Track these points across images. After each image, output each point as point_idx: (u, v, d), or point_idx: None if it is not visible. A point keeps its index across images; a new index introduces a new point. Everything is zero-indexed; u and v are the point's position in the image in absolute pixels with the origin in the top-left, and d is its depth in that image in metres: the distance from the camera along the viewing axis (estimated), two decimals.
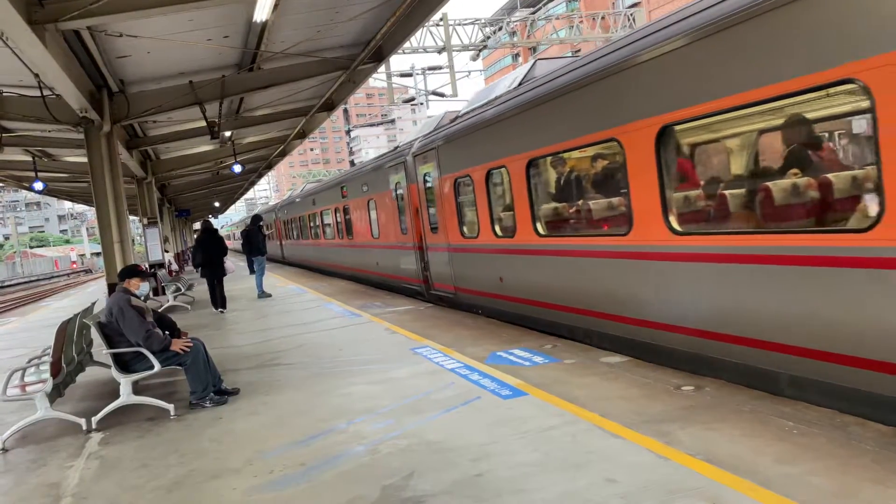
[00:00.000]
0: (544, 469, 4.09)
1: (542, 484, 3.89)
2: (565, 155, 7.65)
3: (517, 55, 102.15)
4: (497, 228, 9.28)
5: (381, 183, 14.51)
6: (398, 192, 13.46)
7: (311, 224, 24.14)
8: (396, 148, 14.64)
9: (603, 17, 30.55)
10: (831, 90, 4.41)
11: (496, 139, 8.89)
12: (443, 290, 11.63)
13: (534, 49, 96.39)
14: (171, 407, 6.33)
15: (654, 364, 6.19)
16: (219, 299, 14.15)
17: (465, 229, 10.39)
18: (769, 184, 5.09)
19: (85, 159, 12.33)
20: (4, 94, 11.43)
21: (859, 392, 4.41)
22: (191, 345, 6.55)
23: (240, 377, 7.48)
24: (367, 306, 12.28)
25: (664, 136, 5.82)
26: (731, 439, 4.24)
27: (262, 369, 7.93)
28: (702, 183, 5.91)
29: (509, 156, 8.54)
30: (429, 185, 11.61)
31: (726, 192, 5.58)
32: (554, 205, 8.24)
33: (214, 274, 14.20)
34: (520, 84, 8.87)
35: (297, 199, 27.50)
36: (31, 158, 16.47)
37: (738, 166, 5.69)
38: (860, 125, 4.51)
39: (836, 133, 5.05)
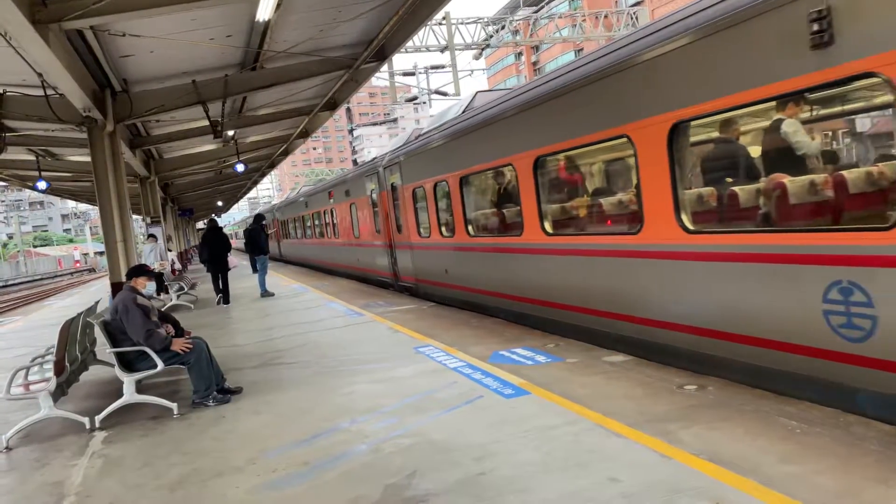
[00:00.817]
0: (547, 468, 4.09)
1: (545, 483, 3.89)
2: (487, 173, 9.69)
3: (520, 54, 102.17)
4: (443, 230, 11.37)
5: (360, 189, 16.60)
6: (373, 198, 15.52)
7: (304, 224, 26.38)
8: (374, 159, 16.48)
9: (605, 16, 30.52)
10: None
11: (441, 158, 11.03)
12: (407, 281, 13.83)
13: (536, 48, 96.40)
14: (174, 406, 6.34)
15: (656, 363, 6.19)
16: (223, 293, 14.88)
17: (421, 230, 12.39)
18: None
19: (88, 158, 12.35)
20: (8, 93, 11.45)
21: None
22: (191, 346, 6.56)
23: (243, 376, 7.49)
24: (370, 305, 12.29)
25: (538, 163, 8.05)
26: (734, 439, 4.24)
27: (265, 368, 7.94)
28: (556, 202, 8.19)
29: (449, 172, 10.64)
30: (395, 192, 13.64)
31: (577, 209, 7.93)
32: (480, 212, 10.39)
33: (218, 269, 15.02)
34: (462, 112, 10.73)
35: (292, 202, 29.95)
36: (34, 158, 16.52)
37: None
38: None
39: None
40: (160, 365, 6.34)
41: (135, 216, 21.75)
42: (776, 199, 5.13)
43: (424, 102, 34.53)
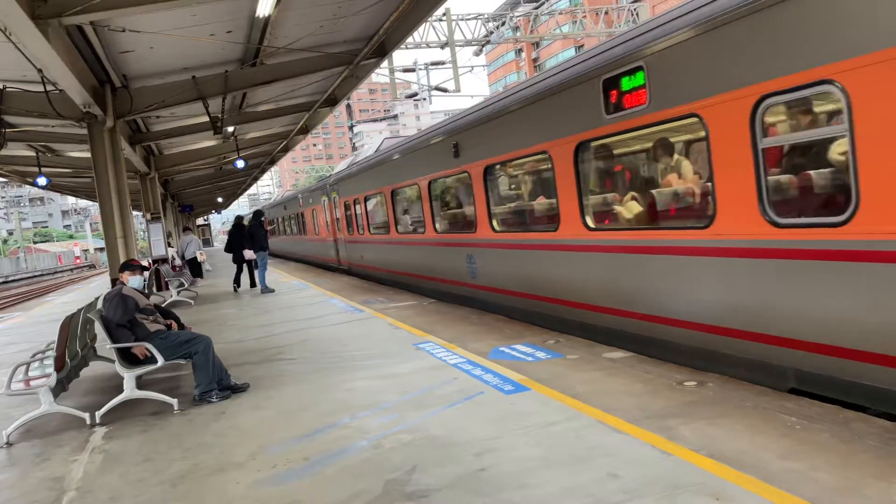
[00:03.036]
0: (547, 464, 4.09)
1: (545, 479, 3.89)
2: (380, 195, 14.77)
3: (520, 50, 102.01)
4: (359, 230, 17.25)
5: (318, 199, 22.52)
6: (325, 206, 21.35)
7: (285, 223, 32.14)
8: (329, 176, 21.81)
9: (606, 13, 30.48)
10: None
11: (358, 181, 16.65)
12: (343, 265, 20.18)
13: (537, 44, 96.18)
14: (174, 401, 6.34)
15: (655, 359, 6.20)
16: (238, 281, 17.37)
17: (349, 230, 18.51)
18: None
19: (88, 155, 12.36)
20: (8, 89, 11.44)
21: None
22: (147, 354, 6.43)
23: (244, 372, 7.49)
24: (370, 302, 12.30)
25: (431, 186, 11.53)
26: (734, 435, 4.24)
27: (266, 364, 7.95)
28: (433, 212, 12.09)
29: (360, 193, 16.52)
30: (336, 203, 19.57)
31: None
32: (377, 218, 15.63)
33: (237, 259, 17.18)
34: (375, 152, 16.23)
35: (275, 205, 36.63)
36: (34, 154, 16.51)
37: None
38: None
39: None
40: (161, 360, 6.35)
41: (135, 212, 21.74)
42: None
43: (425, 99, 34.47)
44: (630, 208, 6.65)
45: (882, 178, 4.12)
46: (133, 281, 7.02)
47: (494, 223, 9.28)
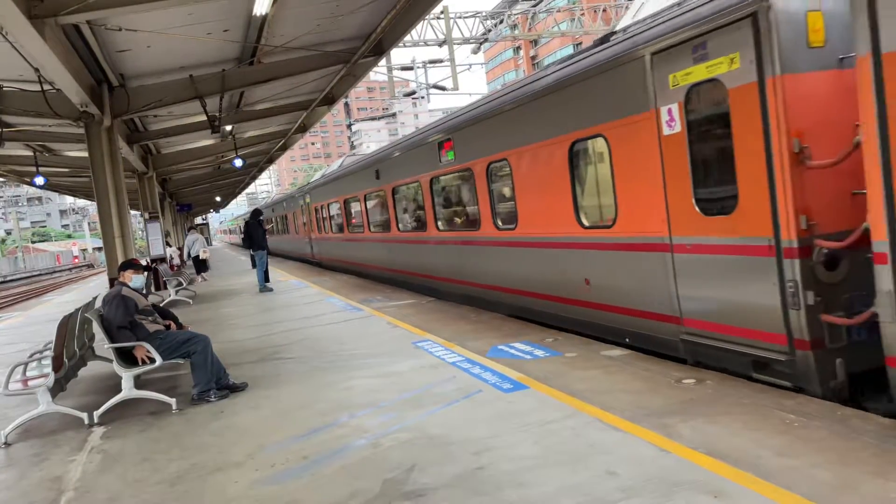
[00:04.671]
0: (545, 462, 4.09)
1: (543, 477, 3.89)
2: (339, 201, 18.77)
3: (518, 48, 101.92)
4: (325, 230, 21.72)
5: (297, 203, 26.61)
6: (302, 210, 25.35)
7: (274, 223, 35.87)
8: (307, 184, 26.31)
9: (604, 10, 30.45)
10: None
11: (322, 192, 21.24)
12: (317, 259, 24.17)
13: (535, 42, 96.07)
14: (172, 401, 6.34)
15: (654, 357, 6.20)
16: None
17: (318, 230, 22.84)
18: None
19: (86, 154, 12.33)
20: (5, 88, 11.42)
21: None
22: (150, 356, 6.40)
23: (242, 371, 7.48)
24: (369, 300, 12.29)
25: (366, 197, 15.90)
26: (732, 432, 4.25)
27: (264, 363, 7.94)
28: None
29: (323, 200, 21.09)
30: (310, 208, 23.66)
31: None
32: (336, 221, 20.01)
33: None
34: (339, 167, 19.86)
35: (267, 207, 39.98)
36: (31, 153, 16.47)
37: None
38: None
39: None
40: (159, 360, 6.34)
41: (133, 212, 21.72)
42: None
43: (423, 97, 34.43)
44: (455, 218, 11.12)
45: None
46: (135, 280, 7.01)
47: (399, 226, 13.63)
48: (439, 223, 11.37)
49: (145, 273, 7.63)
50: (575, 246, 7.40)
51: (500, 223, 9.21)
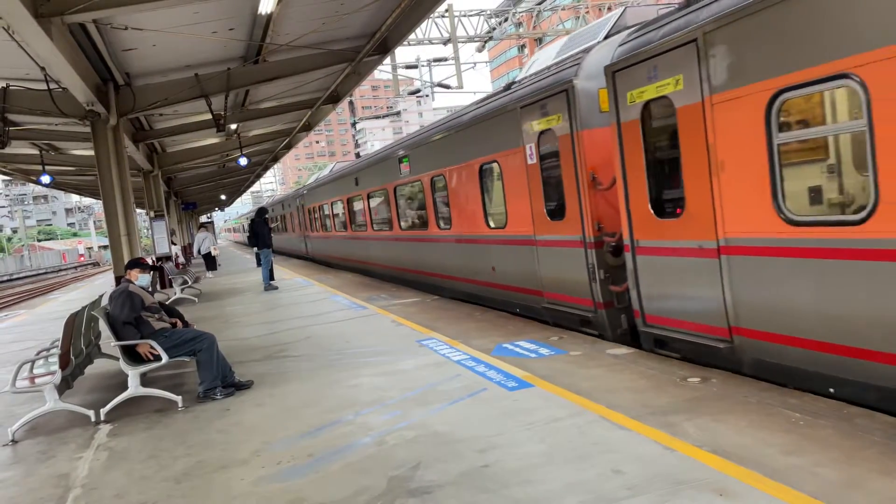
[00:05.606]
0: (551, 460, 4.10)
1: (549, 475, 3.90)
2: (331, 203, 21.24)
3: (523, 46, 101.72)
4: (319, 229, 23.90)
5: (294, 205, 29.36)
6: (298, 210, 28.31)
7: (274, 222, 38.96)
8: (302, 187, 29.55)
9: (609, 8, 30.37)
10: None
11: (315, 194, 23.81)
12: (311, 255, 27.08)
13: (539, 40, 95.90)
14: (178, 399, 6.36)
15: (658, 356, 6.20)
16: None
17: (313, 228, 25.21)
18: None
19: (91, 152, 12.37)
20: (11, 87, 11.45)
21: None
22: (152, 355, 6.44)
23: (247, 369, 7.51)
24: (373, 299, 12.31)
25: (348, 201, 19.18)
26: (737, 431, 4.24)
27: (270, 361, 7.96)
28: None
29: (316, 202, 23.65)
30: (305, 208, 26.35)
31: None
32: (330, 220, 22.02)
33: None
34: (329, 172, 22.84)
35: (267, 205, 43.49)
36: (38, 152, 16.51)
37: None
38: None
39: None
40: (165, 358, 6.37)
41: (138, 210, 21.78)
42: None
43: (427, 95, 34.44)
44: (412, 219, 13.50)
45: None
46: (142, 279, 7.04)
47: (374, 227, 16.30)
48: (401, 223, 14.09)
49: (151, 272, 7.66)
50: (486, 242, 9.87)
51: (441, 224, 11.63)
